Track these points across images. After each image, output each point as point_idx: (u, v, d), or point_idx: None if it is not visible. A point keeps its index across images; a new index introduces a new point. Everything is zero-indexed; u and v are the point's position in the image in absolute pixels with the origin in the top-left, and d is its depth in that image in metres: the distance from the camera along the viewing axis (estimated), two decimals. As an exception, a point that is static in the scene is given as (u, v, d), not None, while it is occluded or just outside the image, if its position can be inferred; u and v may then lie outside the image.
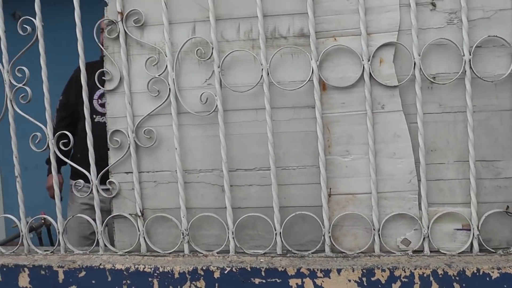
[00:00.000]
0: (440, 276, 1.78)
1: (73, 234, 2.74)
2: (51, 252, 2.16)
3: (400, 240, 1.94)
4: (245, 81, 1.96)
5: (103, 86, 2.09)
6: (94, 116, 2.91)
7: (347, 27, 1.91)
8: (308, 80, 1.90)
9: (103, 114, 2.92)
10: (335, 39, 1.92)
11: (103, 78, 2.09)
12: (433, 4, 1.87)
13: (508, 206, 1.88)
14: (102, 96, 2.99)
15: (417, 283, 1.79)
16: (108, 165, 2.10)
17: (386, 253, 1.92)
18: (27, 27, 2.05)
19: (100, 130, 2.29)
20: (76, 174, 2.41)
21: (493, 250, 1.87)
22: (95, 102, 2.98)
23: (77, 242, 2.68)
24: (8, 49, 2.13)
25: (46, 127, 2.10)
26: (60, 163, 2.28)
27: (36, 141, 2.10)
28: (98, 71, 2.09)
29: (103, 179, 2.11)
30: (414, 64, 1.84)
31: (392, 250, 1.93)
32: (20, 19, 2.04)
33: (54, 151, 2.10)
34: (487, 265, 1.77)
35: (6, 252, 2.19)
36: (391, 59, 1.89)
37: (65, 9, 2.47)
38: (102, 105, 2.97)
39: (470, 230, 1.88)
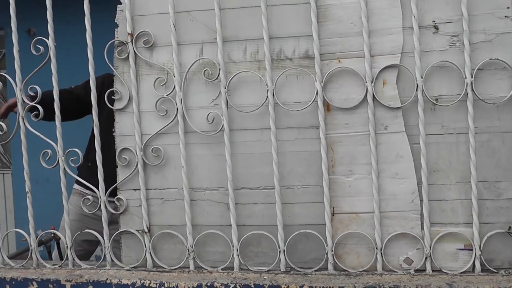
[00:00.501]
0: (442, 295, 1.79)
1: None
2: (59, 266, 2.21)
3: (402, 259, 1.97)
4: (251, 101, 2.01)
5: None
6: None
7: (351, 49, 1.96)
8: (313, 101, 1.94)
9: None
10: (339, 61, 1.97)
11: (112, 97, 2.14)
12: (436, 27, 1.91)
13: (510, 227, 1.91)
14: None
15: (418, 302, 1.81)
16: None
17: (388, 272, 1.95)
18: (40, 47, 2.12)
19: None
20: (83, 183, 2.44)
21: (495, 270, 1.89)
22: None
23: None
24: (22, 64, 2.20)
25: (56, 144, 2.16)
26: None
27: (47, 158, 2.16)
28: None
29: (112, 192, 2.17)
30: (417, 86, 1.88)
31: (394, 269, 1.96)
32: (34, 40, 2.11)
33: (64, 168, 2.16)
34: (489, 285, 1.79)
35: (16, 266, 2.25)
36: (394, 81, 1.93)
37: (78, 28, 2.55)
38: None
39: (472, 250, 1.91)
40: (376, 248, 1.96)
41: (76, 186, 3.01)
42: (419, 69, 1.88)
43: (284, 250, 1.99)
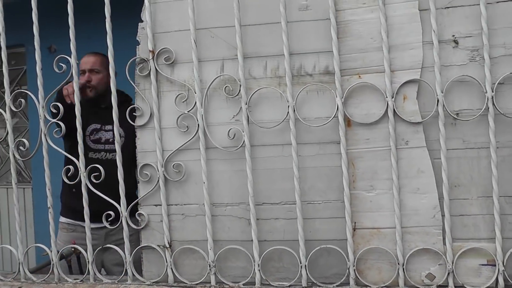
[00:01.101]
0: (465, 311, 1.84)
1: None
2: (80, 281, 2.29)
3: (424, 275, 2.01)
4: (271, 117, 2.08)
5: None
6: (88, 152, 2.92)
7: (371, 64, 2.03)
8: (333, 117, 2.01)
9: (97, 151, 3.03)
10: (359, 76, 2.03)
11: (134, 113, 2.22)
12: (456, 42, 1.97)
13: (533, 242, 1.95)
14: (94, 132, 3.07)
15: (441, 318, 1.86)
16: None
17: (410, 287, 2.00)
18: (62, 65, 2.21)
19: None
20: (67, 211, 2.50)
21: (519, 286, 1.93)
22: (87, 139, 2.97)
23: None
24: (43, 81, 2.29)
25: (78, 160, 2.24)
26: None
27: (69, 174, 2.25)
28: None
29: (99, 215, 2.25)
30: (438, 100, 1.93)
31: (416, 284, 2.00)
32: (56, 58, 2.20)
33: (86, 184, 2.24)
34: (512, 301, 1.84)
35: (37, 280, 2.33)
36: (415, 95, 1.99)
37: (99, 44, 2.64)
38: (95, 141, 3.03)
39: (495, 265, 1.95)
40: (398, 264, 2.00)
41: (63, 219, 3.08)
42: (439, 83, 1.93)
43: (305, 265, 2.04)
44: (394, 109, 1.97)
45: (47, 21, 2.36)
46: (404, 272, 2.00)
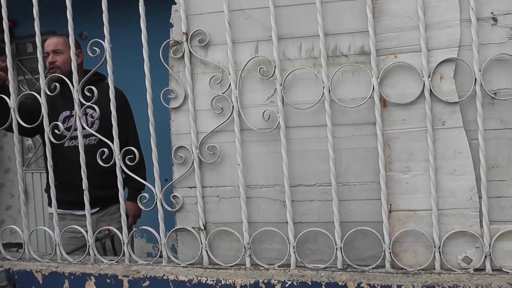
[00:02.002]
0: (503, 295, 1.90)
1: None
2: (116, 262, 2.42)
3: (461, 258, 2.07)
4: (306, 98, 2.16)
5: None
6: (64, 141, 3.01)
7: (407, 44, 2.08)
8: (369, 97, 2.07)
9: (72, 138, 3.14)
10: (395, 56, 2.09)
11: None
12: (494, 19, 2.00)
13: None
14: (66, 119, 3.21)
15: (478, 301, 1.92)
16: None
17: (447, 271, 2.06)
18: (96, 48, 2.32)
19: (73, 154, 2.52)
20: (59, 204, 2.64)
21: (558, 268, 1.98)
22: (57, 131, 2.81)
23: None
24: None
25: (112, 143, 2.36)
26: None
27: (103, 157, 2.37)
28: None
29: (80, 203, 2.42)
30: (475, 80, 1.98)
31: (453, 268, 2.06)
32: (90, 42, 2.31)
33: (120, 166, 2.36)
34: (551, 284, 1.89)
35: (74, 261, 2.47)
36: (452, 75, 2.04)
37: (130, 28, 2.75)
38: (69, 129, 2.75)
39: (534, 248, 2.00)
40: (434, 247, 2.06)
41: (50, 210, 3.11)
42: (477, 62, 1.97)
43: (341, 247, 2.12)
44: (430, 89, 2.02)
45: (78, 8, 2.46)
46: (440, 255, 2.06)
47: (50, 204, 3.21)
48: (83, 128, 2.42)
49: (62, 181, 2.50)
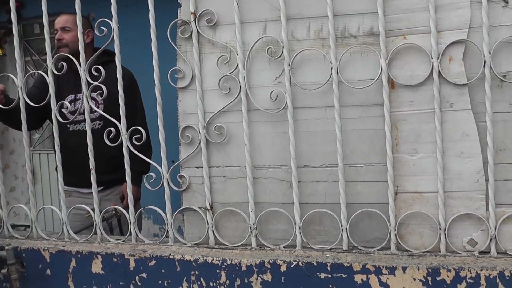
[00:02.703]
0: (507, 278, 1.92)
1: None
2: (122, 241, 2.48)
3: (466, 241, 2.10)
4: (314, 79, 2.18)
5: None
6: (68, 125, 3.06)
7: (417, 25, 2.09)
8: (377, 79, 2.09)
9: (76, 122, 3.17)
10: (404, 37, 2.11)
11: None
12: (505, 1, 2.00)
13: None
14: (71, 103, 3.23)
15: (483, 284, 1.94)
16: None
17: (452, 253, 2.09)
18: (104, 28, 2.35)
19: (77, 138, 2.58)
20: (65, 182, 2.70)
21: None
22: (65, 111, 2.87)
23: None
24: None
25: (119, 122, 2.40)
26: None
27: (110, 136, 2.41)
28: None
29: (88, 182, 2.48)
30: (484, 62, 1.99)
31: (458, 250, 2.09)
32: (97, 21, 2.34)
33: (127, 146, 2.39)
34: (556, 267, 1.91)
35: (81, 240, 2.53)
36: (461, 57, 2.05)
37: (137, 10, 2.78)
38: (73, 113, 2.94)
39: (540, 231, 2.02)
40: (440, 229, 2.09)
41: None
42: (487, 44, 1.98)
43: (346, 229, 2.16)
44: (439, 71, 2.04)
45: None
46: (445, 237, 2.09)
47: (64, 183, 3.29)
48: (91, 108, 2.46)
49: (66, 164, 2.55)
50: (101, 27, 2.35)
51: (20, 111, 2.53)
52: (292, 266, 2.13)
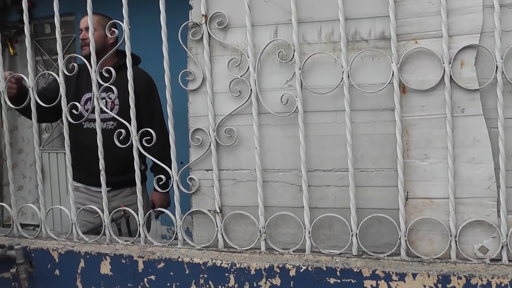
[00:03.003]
0: (519, 286, 1.92)
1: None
2: (131, 243, 2.49)
3: (477, 248, 2.09)
4: (325, 83, 2.18)
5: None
6: (83, 123, 3.03)
7: (428, 29, 2.09)
8: (388, 83, 2.10)
9: (91, 120, 3.17)
10: (416, 41, 2.11)
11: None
12: (518, 6, 2.00)
13: None
14: (88, 101, 3.29)
15: (494, 292, 1.94)
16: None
17: (462, 260, 2.08)
18: (115, 30, 2.37)
19: (91, 135, 2.58)
20: (75, 175, 2.73)
21: None
22: (81, 108, 2.84)
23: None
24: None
25: (130, 124, 2.41)
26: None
27: (120, 137, 2.42)
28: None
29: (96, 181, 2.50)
30: (496, 67, 1.98)
31: (469, 257, 2.08)
32: (109, 23, 2.36)
33: (137, 147, 2.40)
34: None
35: (89, 241, 2.54)
36: (473, 62, 2.04)
37: (147, 11, 2.79)
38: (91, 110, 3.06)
39: (552, 239, 2.01)
40: (450, 235, 2.09)
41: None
42: (499, 49, 1.98)
43: (356, 234, 2.16)
44: (451, 76, 2.03)
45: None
46: (456, 244, 2.08)
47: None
48: (101, 110, 2.49)
49: (78, 160, 2.59)
50: (112, 28, 2.37)
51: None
52: (301, 270, 2.13)
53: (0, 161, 5.73)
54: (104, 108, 2.51)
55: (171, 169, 2.37)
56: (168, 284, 2.29)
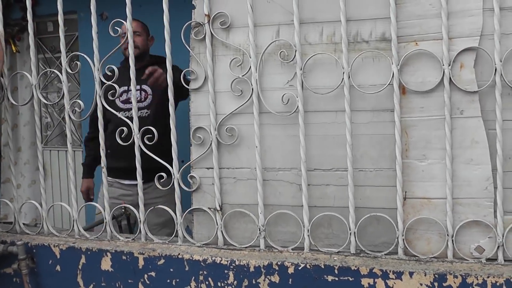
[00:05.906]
0: (514, 285, 1.95)
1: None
2: (132, 239, 2.51)
3: (473, 247, 2.12)
4: (326, 83, 2.21)
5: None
6: (118, 112, 3.06)
7: (428, 31, 2.11)
8: (388, 84, 2.12)
9: (126, 110, 3.36)
10: (416, 43, 2.13)
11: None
12: (518, 9, 2.02)
13: None
14: (123, 93, 3.43)
15: (489, 291, 1.97)
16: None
17: (459, 260, 2.11)
18: (118, 28, 2.40)
19: (125, 124, 2.60)
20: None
21: None
22: (117, 100, 3.23)
23: None
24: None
25: (132, 122, 2.44)
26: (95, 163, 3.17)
27: (122, 135, 2.45)
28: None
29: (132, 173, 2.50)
30: (495, 69, 2.01)
31: (465, 257, 2.11)
32: (112, 22, 2.39)
33: (139, 145, 2.43)
34: None
35: (91, 237, 2.57)
36: (472, 64, 2.07)
37: (151, 10, 2.81)
38: (125, 102, 3.41)
39: (547, 239, 2.04)
40: (448, 235, 2.11)
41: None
42: (498, 52, 2.00)
43: (354, 233, 2.19)
44: (450, 78, 2.06)
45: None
46: (453, 243, 2.11)
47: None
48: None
49: (113, 148, 2.65)
50: (116, 27, 2.39)
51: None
52: (299, 268, 2.16)
53: (-2, 158, 5.74)
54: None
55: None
56: (168, 281, 2.32)
